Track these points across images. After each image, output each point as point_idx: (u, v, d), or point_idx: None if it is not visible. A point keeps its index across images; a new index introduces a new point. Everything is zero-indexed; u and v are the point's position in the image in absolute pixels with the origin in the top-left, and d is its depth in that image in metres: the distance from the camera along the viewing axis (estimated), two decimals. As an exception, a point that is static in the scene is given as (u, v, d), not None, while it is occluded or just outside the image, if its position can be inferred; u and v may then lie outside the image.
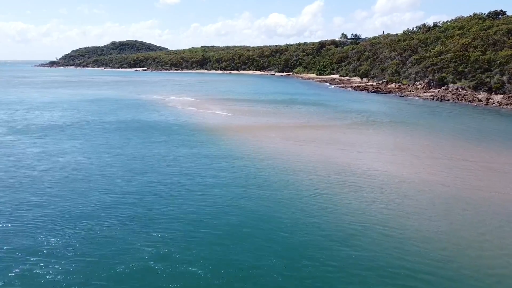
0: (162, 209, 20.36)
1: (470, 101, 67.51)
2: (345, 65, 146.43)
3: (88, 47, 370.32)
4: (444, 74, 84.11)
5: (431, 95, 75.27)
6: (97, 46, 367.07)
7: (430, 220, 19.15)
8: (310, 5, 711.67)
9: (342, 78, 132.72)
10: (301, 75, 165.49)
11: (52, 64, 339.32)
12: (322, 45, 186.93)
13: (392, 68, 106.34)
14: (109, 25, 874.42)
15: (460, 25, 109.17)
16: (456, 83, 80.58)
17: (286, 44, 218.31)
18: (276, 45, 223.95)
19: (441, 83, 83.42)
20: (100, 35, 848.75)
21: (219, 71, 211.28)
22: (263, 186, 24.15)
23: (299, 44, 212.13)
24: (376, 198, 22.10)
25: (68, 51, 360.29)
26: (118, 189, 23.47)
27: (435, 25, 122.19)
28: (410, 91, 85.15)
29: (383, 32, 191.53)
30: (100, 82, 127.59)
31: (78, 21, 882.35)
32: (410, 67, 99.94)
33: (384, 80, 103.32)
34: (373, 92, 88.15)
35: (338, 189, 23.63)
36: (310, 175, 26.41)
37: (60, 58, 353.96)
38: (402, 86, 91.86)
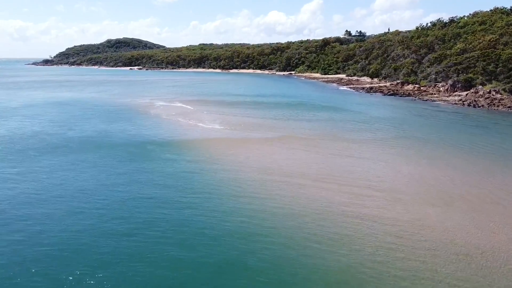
0: None
1: (509, 107, 57.17)
2: (352, 64, 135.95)
3: (83, 45, 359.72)
4: (470, 75, 73.74)
5: (460, 100, 64.89)
6: (93, 44, 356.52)
7: None
8: (309, 3, 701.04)
9: (350, 78, 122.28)
10: (304, 74, 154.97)
11: (46, 62, 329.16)
12: (325, 42, 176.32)
13: (407, 68, 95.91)
14: (107, 23, 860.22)
15: (481, 20, 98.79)
16: (485, 85, 70.26)
17: (288, 42, 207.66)
18: (277, 43, 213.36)
19: (468, 85, 73.04)
20: (99, 33, 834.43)
21: (217, 70, 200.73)
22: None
23: (301, 42, 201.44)
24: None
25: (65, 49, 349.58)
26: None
27: (452, 20, 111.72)
28: (432, 94, 74.79)
29: (389, 29, 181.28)
30: (87, 82, 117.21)
31: (76, 18, 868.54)
32: (428, 67, 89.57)
33: (399, 81, 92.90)
34: (389, 94, 77.76)
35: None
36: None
37: (55, 56, 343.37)
38: (421, 88, 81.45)
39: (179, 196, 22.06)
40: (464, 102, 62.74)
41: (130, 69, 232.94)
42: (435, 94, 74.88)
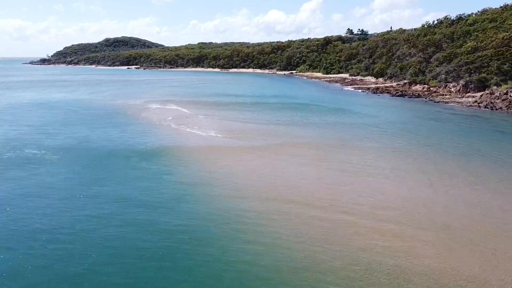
0: None
1: (530, 109, 52.84)
2: (356, 63, 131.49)
3: (81, 43, 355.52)
4: (484, 75, 69.34)
5: (475, 101, 60.49)
6: (91, 43, 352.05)
7: None
8: (308, 2, 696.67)
9: (354, 77, 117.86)
10: (306, 74, 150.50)
11: (43, 61, 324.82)
12: (327, 41, 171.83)
13: (415, 67, 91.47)
14: (107, 22, 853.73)
15: (491, 17, 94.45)
16: (500, 85, 65.84)
17: (288, 40, 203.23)
18: (277, 41, 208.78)
19: (481, 85, 68.63)
20: (99, 32, 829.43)
21: (216, 69, 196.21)
22: None
23: (302, 40, 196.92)
24: None
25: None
26: None
27: (459, 18, 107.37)
28: (443, 95, 70.40)
29: (391, 28, 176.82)
30: (81, 82, 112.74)
31: (75, 18, 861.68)
32: (437, 66, 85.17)
33: (406, 81, 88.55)
34: (397, 95, 73.34)
35: None
36: None
37: (52, 56, 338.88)
38: (431, 88, 77.03)
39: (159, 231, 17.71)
40: (480, 104, 58.34)
41: (128, 68, 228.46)
42: (446, 95, 70.48)
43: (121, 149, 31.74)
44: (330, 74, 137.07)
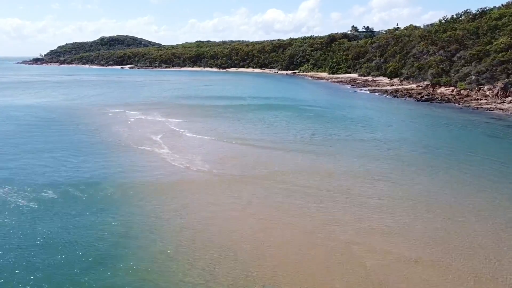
0: None
1: None
2: (365, 62, 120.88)
3: (75, 42, 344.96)
4: (526, 76, 58.94)
5: (525, 108, 50.05)
6: (85, 41, 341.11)
7: None
8: (307, 0, 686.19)
9: (364, 78, 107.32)
10: (310, 73, 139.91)
11: (36, 61, 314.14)
12: (332, 38, 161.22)
13: (436, 67, 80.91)
14: (105, 21, 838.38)
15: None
16: (548, 88, 55.44)
17: (290, 38, 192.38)
18: (278, 40, 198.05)
19: (524, 88, 58.21)
20: (97, 32, 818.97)
21: (214, 69, 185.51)
22: None
23: (305, 38, 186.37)
24: None
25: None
26: None
27: (482, 12, 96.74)
28: (478, 99, 59.85)
29: (397, 25, 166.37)
30: (63, 83, 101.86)
31: (73, 17, 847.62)
32: (463, 65, 74.63)
33: (427, 83, 78.08)
34: (423, 100, 62.70)
35: None
36: None
37: (45, 55, 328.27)
38: (461, 91, 66.45)
39: None
40: (533, 112, 47.89)
41: (121, 67, 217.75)
42: (481, 99, 59.94)
43: (49, 185, 21.21)
44: (337, 74, 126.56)
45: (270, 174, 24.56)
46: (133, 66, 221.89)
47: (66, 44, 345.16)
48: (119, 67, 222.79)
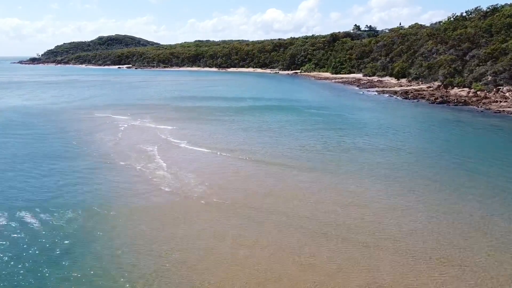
0: None
1: None
2: (370, 62, 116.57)
3: (73, 42, 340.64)
4: (550, 76, 54.70)
5: (553, 112, 45.72)
6: (83, 41, 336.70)
7: None
8: (306, 0, 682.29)
9: (370, 78, 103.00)
10: (312, 74, 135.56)
11: (32, 61, 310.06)
12: (334, 37, 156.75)
13: (448, 67, 76.63)
14: (104, 20, 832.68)
15: (535, 8, 79.98)
16: None
17: (291, 37, 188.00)
18: (279, 39, 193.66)
19: (547, 89, 53.99)
20: (96, 31, 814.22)
21: (214, 69, 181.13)
22: None
23: (306, 37, 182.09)
24: None
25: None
26: None
27: (494, 9, 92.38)
28: (498, 101, 55.53)
29: (400, 24, 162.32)
30: (55, 83, 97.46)
31: (72, 17, 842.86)
32: (478, 65, 70.38)
33: (439, 83, 73.81)
34: (438, 103, 58.37)
35: None
36: None
37: (42, 54, 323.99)
38: (477, 93, 62.14)
39: None
40: None
41: (119, 67, 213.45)
42: (501, 101, 55.61)
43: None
44: (340, 74, 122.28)
45: (285, 205, 20.21)
46: (130, 66, 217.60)
47: (64, 43, 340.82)
48: (116, 67, 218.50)
